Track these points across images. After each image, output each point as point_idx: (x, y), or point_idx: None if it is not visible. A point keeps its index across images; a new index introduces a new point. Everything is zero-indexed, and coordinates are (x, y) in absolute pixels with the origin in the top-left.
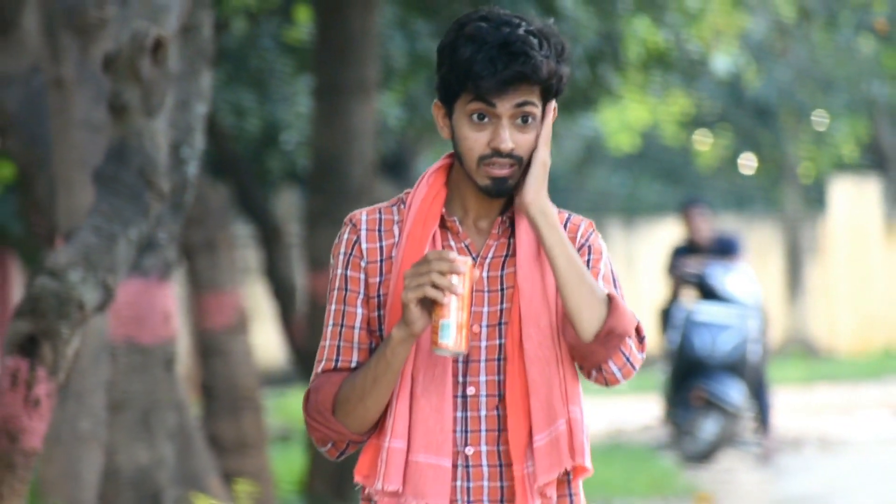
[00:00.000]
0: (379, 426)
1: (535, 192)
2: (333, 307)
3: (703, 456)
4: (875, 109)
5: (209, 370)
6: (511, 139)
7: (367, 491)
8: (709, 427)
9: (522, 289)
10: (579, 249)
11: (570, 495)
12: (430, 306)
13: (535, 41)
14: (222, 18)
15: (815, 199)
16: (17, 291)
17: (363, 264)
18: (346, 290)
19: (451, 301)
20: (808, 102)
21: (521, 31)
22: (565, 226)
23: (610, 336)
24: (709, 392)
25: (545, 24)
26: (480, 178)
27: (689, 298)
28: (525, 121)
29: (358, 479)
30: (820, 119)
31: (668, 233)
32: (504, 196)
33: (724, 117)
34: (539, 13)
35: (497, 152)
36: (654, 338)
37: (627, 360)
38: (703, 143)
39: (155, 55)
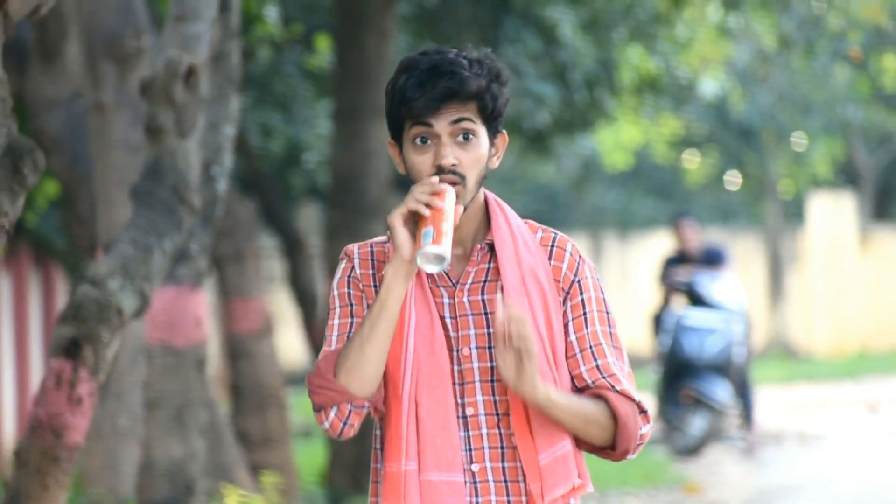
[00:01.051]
0: (389, 452)
1: (534, 385)
2: (337, 321)
3: (692, 450)
4: (849, 131)
5: (237, 371)
6: (452, 156)
7: None
8: (697, 423)
9: None
10: (570, 287)
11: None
12: (414, 230)
13: (464, 62)
14: (249, 47)
15: (795, 213)
16: (60, 299)
17: (361, 286)
18: (350, 304)
19: (431, 215)
20: (787, 124)
21: (450, 55)
22: (551, 248)
23: (621, 448)
24: (697, 391)
25: (482, 52)
26: None
27: (679, 305)
28: (466, 138)
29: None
30: (799, 140)
31: (659, 244)
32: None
33: (711, 138)
34: (540, 42)
35: (440, 169)
36: (646, 341)
37: (637, 445)
38: (692, 161)
39: (187, 81)
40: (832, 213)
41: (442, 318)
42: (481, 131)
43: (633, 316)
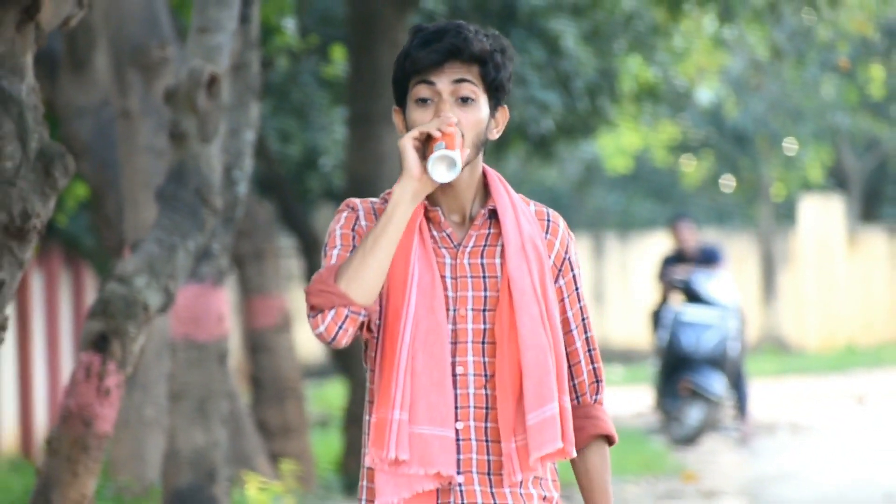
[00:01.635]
0: (381, 400)
1: None
2: (338, 248)
3: (689, 439)
4: (838, 137)
5: (257, 364)
6: (452, 115)
7: (368, 466)
8: (694, 414)
9: (514, 279)
10: (562, 264)
11: (549, 471)
12: (424, 154)
13: (471, 28)
14: (268, 57)
15: (786, 215)
16: (89, 296)
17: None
18: (353, 238)
19: (443, 137)
20: (779, 130)
21: (458, 24)
22: (547, 223)
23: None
24: (694, 383)
25: (491, 31)
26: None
27: (677, 301)
28: (465, 101)
29: (369, 452)
30: (790, 145)
31: (658, 244)
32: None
33: (707, 143)
34: (544, 52)
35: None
36: (646, 336)
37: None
38: (689, 165)
39: (209, 90)
40: (822, 215)
41: (442, 279)
42: (482, 98)
43: (632, 312)
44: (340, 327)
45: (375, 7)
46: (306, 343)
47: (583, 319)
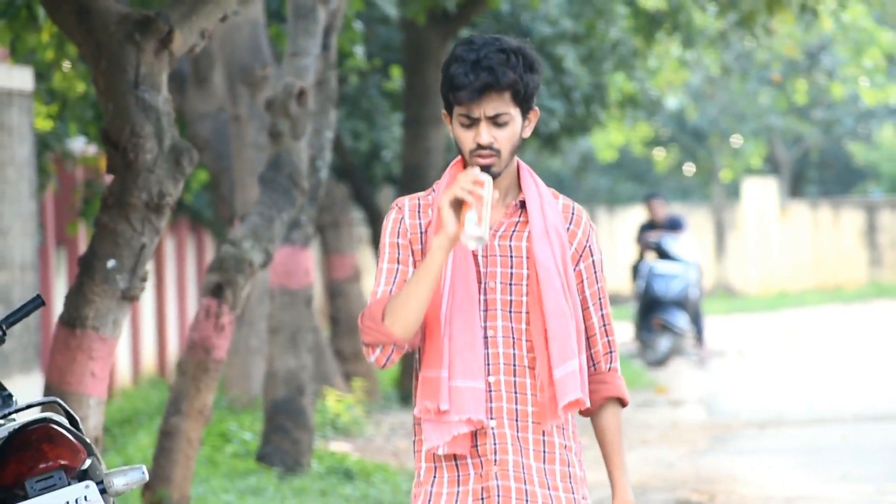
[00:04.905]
0: (428, 360)
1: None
2: (385, 265)
3: (660, 362)
4: (772, 134)
5: (334, 306)
6: (489, 135)
7: (418, 413)
8: (664, 343)
9: (539, 258)
10: (583, 250)
11: (570, 423)
12: (457, 212)
13: (503, 57)
14: (343, 75)
15: (733, 193)
16: (209, 255)
17: (409, 235)
18: (398, 251)
19: (474, 201)
20: (728, 129)
21: (493, 49)
22: (571, 216)
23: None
24: (664, 320)
25: (521, 43)
26: (473, 165)
27: (651, 258)
28: (500, 125)
29: (418, 404)
30: (736, 140)
31: (636, 216)
32: (492, 178)
33: (673, 139)
34: (551, 71)
35: (480, 146)
36: (627, 285)
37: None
38: (659, 155)
39: (299, 100)
40: (760, 193)
41: (475, 256)
42: (515, 114)
43: (618, 267)
44: (388, 358)
45: (424, 37)
46: (370, 289)
47: (600, 298)
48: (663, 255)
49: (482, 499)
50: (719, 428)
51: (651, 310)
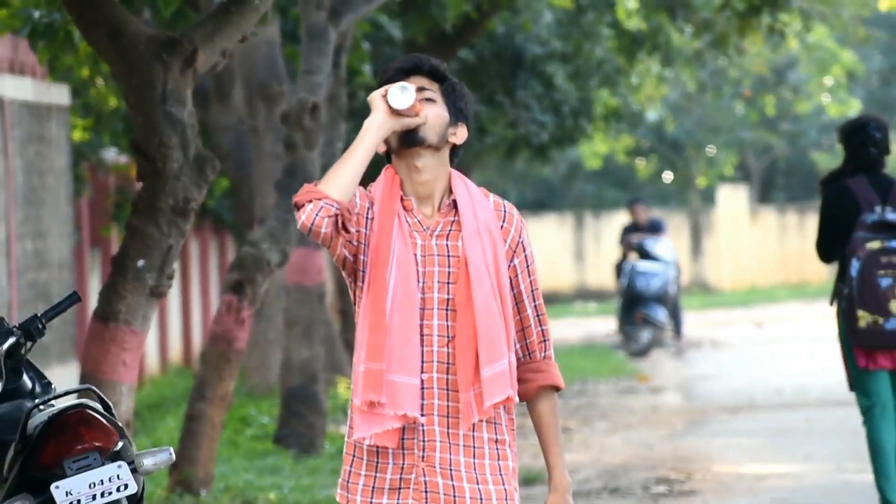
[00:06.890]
0: (370, 354)
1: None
2: None
3: (642, 353)
4: (744, 145)
5: (345, 301)
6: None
7: (359, 405)
8: (645, 335)
9: (470, 258)
10: (516, 246)
11: (503, 417)
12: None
13: (431, 60)
14: (352, 91)
15: (708, 198)
16: (230, 256)
17: (357, 203)
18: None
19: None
20: (703, 140)
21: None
22: (503, 213)
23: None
24: (645, 314)
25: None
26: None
27: (633, 258)
28: (428, 101)
29: (362, 395)
30: (710, 150)
31: (620, 219)
32: (416, 145)
33: (653, 149)
34: (542, 87)
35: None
36: (612, 282)
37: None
38: (641, 164)
39: (312, 114)
40: (732, 199)
41: (414, 256)
42: (441, 102)
43: (603, 266)
44: (317, 214)
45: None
46: None
47: (533, 290)
48: (645, 254)
49: (398, 489)
50: (695, 412)
51: (633, 305)
